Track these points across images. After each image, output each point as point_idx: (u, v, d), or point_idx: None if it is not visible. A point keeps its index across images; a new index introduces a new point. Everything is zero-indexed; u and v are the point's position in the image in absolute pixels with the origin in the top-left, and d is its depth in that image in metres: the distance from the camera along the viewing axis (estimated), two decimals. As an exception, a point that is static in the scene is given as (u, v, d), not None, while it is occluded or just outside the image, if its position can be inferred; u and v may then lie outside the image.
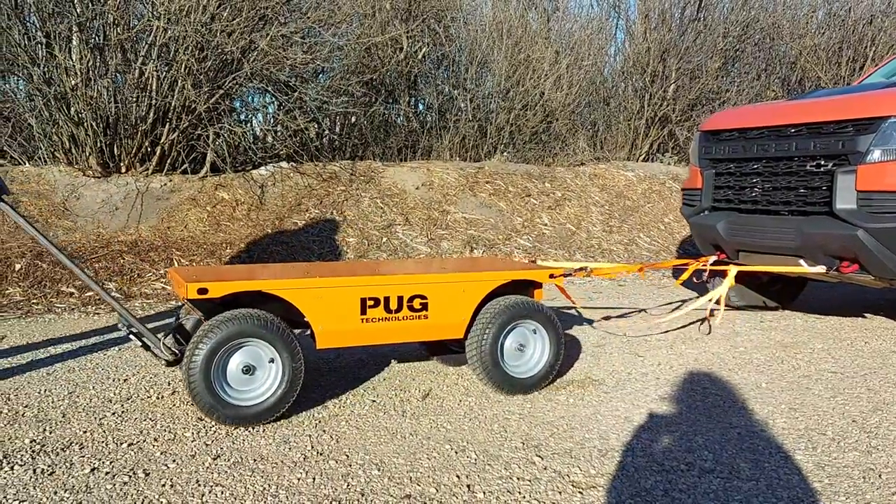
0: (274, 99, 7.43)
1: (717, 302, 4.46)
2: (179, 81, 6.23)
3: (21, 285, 5.31)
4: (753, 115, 4.77)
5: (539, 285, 3.39)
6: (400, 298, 3.00)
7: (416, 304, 3.03)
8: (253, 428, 2.79)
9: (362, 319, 2.96)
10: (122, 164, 6.62)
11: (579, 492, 2.32)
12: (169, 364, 2.94)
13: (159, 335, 2.94)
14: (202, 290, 2.68)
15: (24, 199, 6.18)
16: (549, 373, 3.26)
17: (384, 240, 6.98)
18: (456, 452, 2.61)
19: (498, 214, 7.74)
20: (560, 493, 2.31)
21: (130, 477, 2.34)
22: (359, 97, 7.97)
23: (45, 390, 3.20)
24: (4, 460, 2.42)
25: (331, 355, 3.91)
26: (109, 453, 2.52)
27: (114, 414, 2.92)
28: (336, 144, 8.39)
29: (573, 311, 5.22)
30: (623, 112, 10.11)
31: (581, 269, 4.18)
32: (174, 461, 2.47)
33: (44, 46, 5.95)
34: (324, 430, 2.79)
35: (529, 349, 3.26)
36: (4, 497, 2.16)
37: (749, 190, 4.68)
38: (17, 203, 6.12)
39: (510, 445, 2.68)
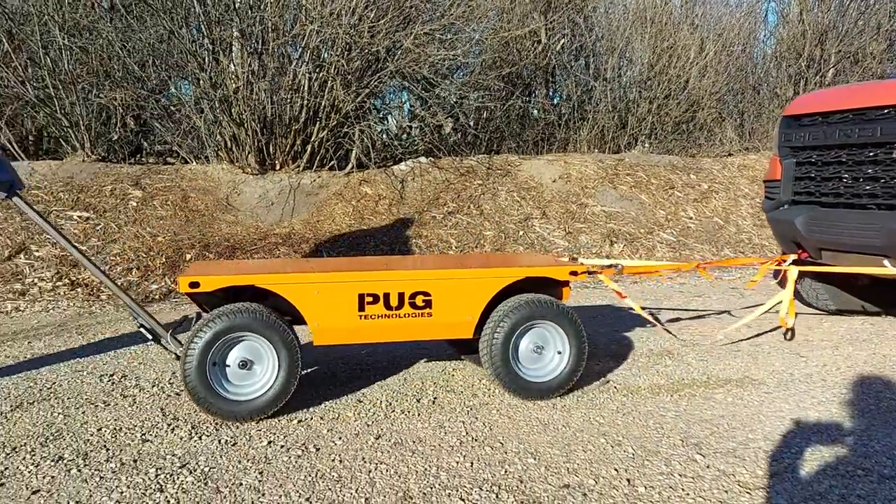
0: (414, 95, 7.63)
1: (790, 304, 4.04)
2: (329, 82, 6.54)
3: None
4: (837, 97, 4.22)
5: (565, 283, 3.10)
6: (401, 295, 2.82)
7: (419, 301, 2.84)
8: (409, 412, 2.89)
9: (360, 316, 2.80)
10: (276, 161, 7.03)
11: (747, 492, 2.23)
12: (178, 357, 2.89)
13: (168, 330, 2.96)
14: (194, 284, 2.65)
15: (192, 194, 6.72)
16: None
17: (521, 233, 6.98)
18: (612, 446, 2.58)
19: (639, 207, 7.54)
20: (726, 491, 2.23)
21: (303, 451, 2.49)
22: (496, 91, 8.02)
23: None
24: (193, 430, 2.65)
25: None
26: (282, 428, 2.70)
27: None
28: (473, 139, 8.49)
29: (653, 316, 4.99)
30: (775, 100, 9.53)
31: (611, 265, 3.66)
32: (340, 439, 2.61)
33: (210, 53, 6.44)
34: (476, 418, 2.85)
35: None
36: (196, 463, 2.37)
37: (831, 181, 4.17)
38: (187, 198, 6.67)
39: (668, 442, 2.62)
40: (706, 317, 4.78)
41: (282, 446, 2.53)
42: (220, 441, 2.57)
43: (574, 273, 3.01)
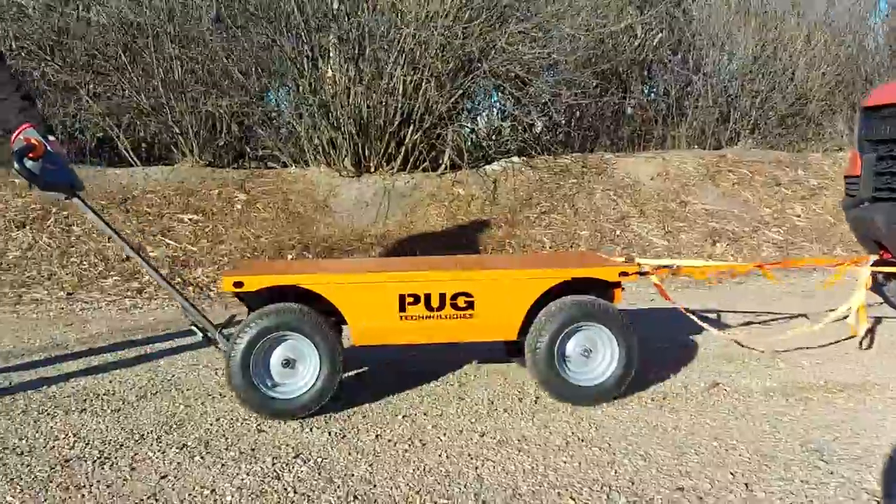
0: (507, 95, 7.62)
1: (859, 310, 3.70)
2: (423, 84, 6.62)
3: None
4: None
5: (616, 285, 2.96)
6: (442, 296, 2.77)
7: (461, 302, 2.78)
8: (511, 410, 2.88)
9: (401, 317, 2.77)
10: (371, 164, 7.18)
11: (875, 500, 2.10)
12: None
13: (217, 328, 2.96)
14: (238, 284, 2.68)
15: (292, 197, 6.95)
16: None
17: (618, 232, 6.84)
18: (726, 450, 2.48)
19: (743, 205, 7.25)
20: (854, 499, 2.10)
21: (410, 446, 2.53)
22: (590, 88, 7.90)
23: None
24: (303, 423, 2.74)
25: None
26: (387, 423, 2.75)
27: (386, 388, 3.18)
28: (566, 137, 8.39)
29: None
30: (889, 89, 8.95)
31: (666, 266, 3.46)
32: (445, 434, 2.63)
33: (309, 60, 6.64)
34: (581, 419, 2.80)
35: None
36: (309, 453, 2.45)
37: None
38: (288, 200, 6.90)
39: (786, 447, 2.50)
40: (777, 321, 4.53)
41: (388, 440, 2.58)
42: (329, 433, 2.64)
43: (624, 274, 2.87)
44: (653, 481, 2.24)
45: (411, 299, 2.76)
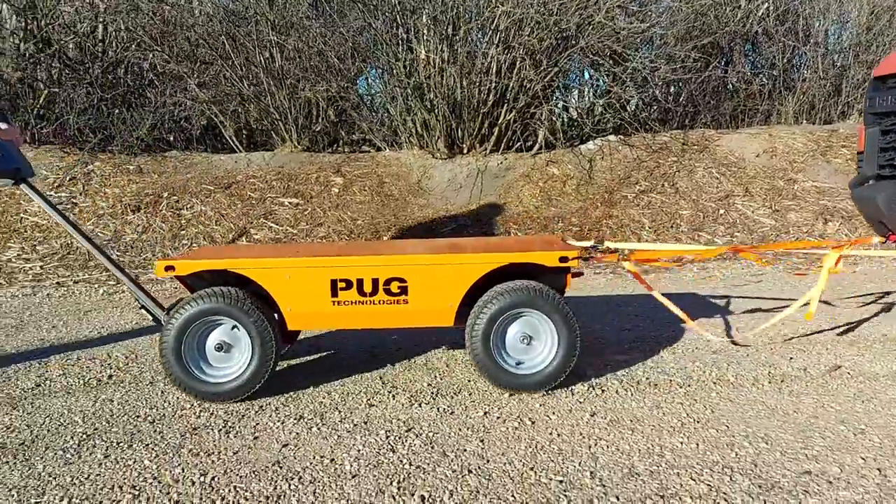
0: (603, 71, 7.44)
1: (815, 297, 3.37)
2: (518, 63, 6.55)
3: (389, 254, 6.07)
4: None
5: (565, 271, 2.84)
6: (375, 281, 2.71)
7: (395, 287, 2.72)
8: (622, 391, 2.83)
9: (333, 302, 2.73)
10: (464, 145, 7.17)
11: None
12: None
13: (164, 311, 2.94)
14: (169, 268, 2.69)
15: (387, 180, 7.05)
16: (558, 371, 2.77)
17: (721, 212, 6.59)
18: (854, 434, 2.36)
19: (856, 182, 6.83)
20: None
21: (520, 423, 2.52)
22: (690, 62, 7.60)
23: (432, 346, 3.61)
24: (412, 398, 2.78)
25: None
26: (495, 400, 2.75)
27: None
28: (665, 114, 8.13)
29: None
30: None
31: (615, 251, 3.23)
32: (554, 413, 2.61)
33: (403, 42, 6.68)
34: (694, 400, 2.72)
35: (538, 343, 2.80)
36: (420, 428, 2.48)
37: None
38: (383, 183, 7.01)
39: (923, 434, 2.34)
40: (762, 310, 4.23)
41: (497, 417, 2.58)
42: (438, 409, 2.67)
43: (564, 259, 2.71)
44: (777, 464, 2.15)
45: (343, 284, 2.71)
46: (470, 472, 2.15)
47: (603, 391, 2.84)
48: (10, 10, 7.18)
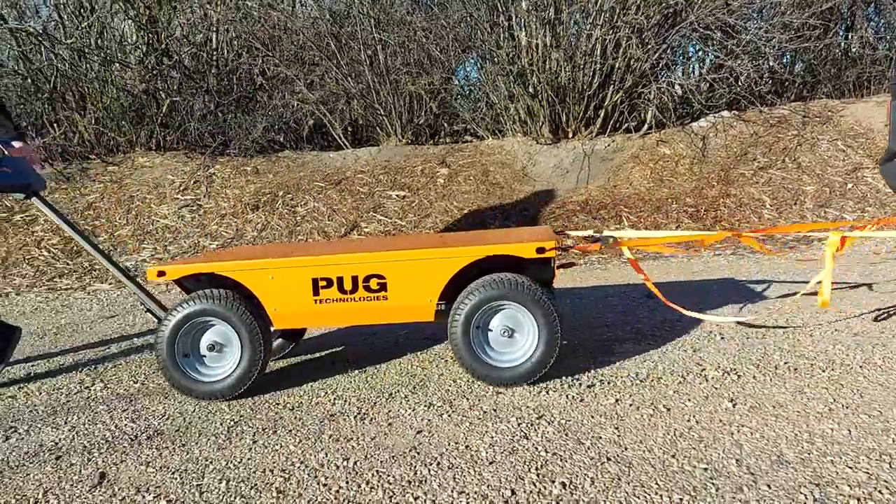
0: (714, 45, 7.12)
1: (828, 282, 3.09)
2: (624, 42, 6.37)
3: (498, 243, 6.07)
4: None
5: (546, 261, 2.76)
6: (354, 279, 2.71)
7: (374, 284, 2.71)
8: (759, 377, 2.71)
9: (315, 300, 2.74)
10: (569, 129, 7.07)
11: None
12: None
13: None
14: (161, 273, 2.75)
15: (491, 168, 7.04)
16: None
17: (849, 186, 6.18)
18: None
19: None
20: None
21: (654, 411, 2.46)
22: (807, 30, 7.16)
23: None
24: (540, 385, 2.77)
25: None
26: (627, 388, 2.70)
27: (619, 354, 3.13)
28: (781, 86, 7.69)
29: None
30: None
31: (597, 240, 3.07)
32: (690, 400, 2.53)
33: (505, 30, 6.64)
34: (840, 384, 2.58)
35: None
36: (551, 415, 2.47)
37: None
38: (487, 172, 7.01)
39: None
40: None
41: (630, 405, 2.53)
42: (567, 396, 2.64)
43: (541, 250, 2.64)
44: (945, 454, 2.00)
45: (324, 283, 2.73)
46: (608, 459, 2.12)
47: (739, 377, 2.73)
48: (134, 26, 7.65)
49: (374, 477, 2.07)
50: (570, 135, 7.09)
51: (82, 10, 7.53)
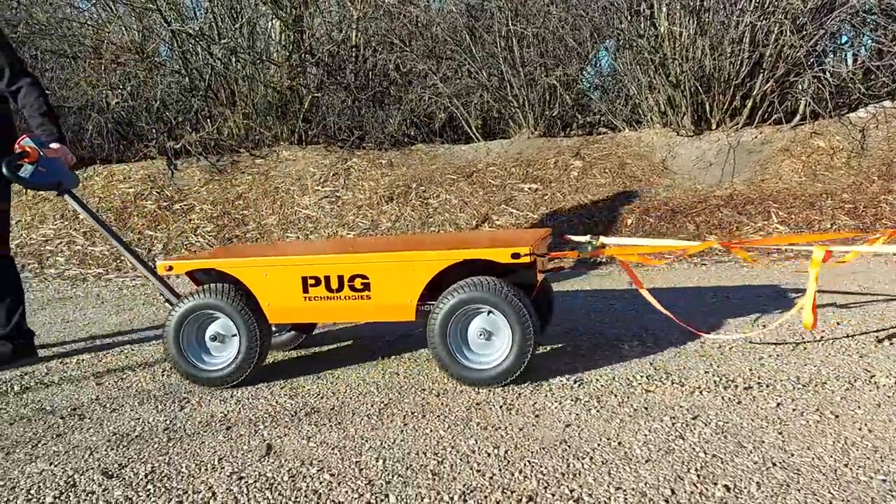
0: (878, 29, 6.57)
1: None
2: (776, 28, 6.01)
3: (633, 236, 5.91)
4: None
5: (530, 266, 2.76)
6: (340, 278, 2.81)
7: (358, 284, 2.80)
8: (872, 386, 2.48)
9: (305, 297, 2.86)
10: (713, 120, 6.75)
11: None
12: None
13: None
14: (169, 268, 2.96)
15: (628, 161, 6.86)
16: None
17: None
18: None
19: None
20: None
21: (820, 417, 2.31)
22: None
23: (700, 331, 3.45)
24: (694, 384, 2.67)
25: None
26: (788, 392, 2.55)
27: (774, 356, 2.96)
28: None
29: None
30: None
31: (572, 248, 3.00)
32: (860, 407, 2.36)
33: (647, 18, 6.44)
34: None
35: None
36: (707, 416, 2.37)
37: None
38: (623, 164, 6.83)
39: None
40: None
41: (793, 410, 2.39)
42: (723, 398, 2.53)
43: (516, 255, 2.64)
44: None
45: (313, 281, 2.84)
46: (774, 464, 2.01)
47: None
48: (280, 26, 8.06)
49: (527, 466, 2.07)
50: (714, 126, 6.78)
51: (234, 13, 8.02)
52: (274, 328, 3.42)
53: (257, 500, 1.94)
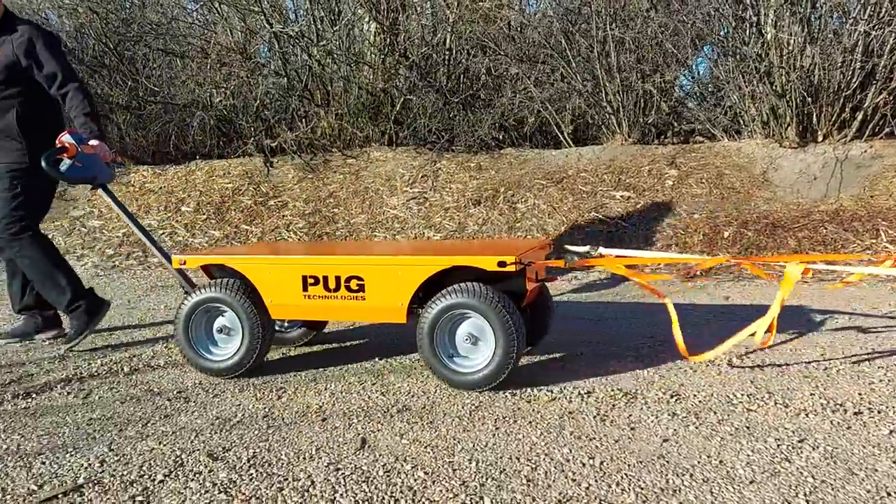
0: None
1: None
2: (891, 39, 5.68)
3: (730, 251, 5.71)
4: None
5: (519, 274, 2.80)
6: (337, 278, 2.92)
7: (354, 284, 2.90)
8: None
9: (304, 296, 2.96)
10: (819, 132, 6.45)
11: None
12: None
13: None
14: (183, 262, 3.11)
15: (726, 171, 6.63)
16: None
17: None
18: None
19: None
20: None
21: (944, 450, 2.16)
22: None
23: (806, 352, 3.30)
24: (796, 407, 2.55)
25: None
26: (904, 420, 2.40)
27: (884, 380, 2.80)
28: None
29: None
30: None
31: (559, 257, 3.07)
32: None
33: (753, 25, 6.21)
34: None
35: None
36: (815, 440, 2.26)
37: None
38: (722, 175, 6.61)
39: None
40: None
41: (912, 440, 2.24)
42: (831, 422, 2.41)
43: (502, 264, 2.68)
44: None
45: (312, 280, 2.94)
46: (889, 494, 1.89)
47: None
48: (376, 29, 8.21)
49: (624, 479, 2.02)
50: (821, 138, 6.47)
51: (333, 15, 8.23)
52: (286, 324, 3.62)
53: (354, 493, 1.98)
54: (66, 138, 3.40)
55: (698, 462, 2.13)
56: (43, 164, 3.31)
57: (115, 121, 8.42)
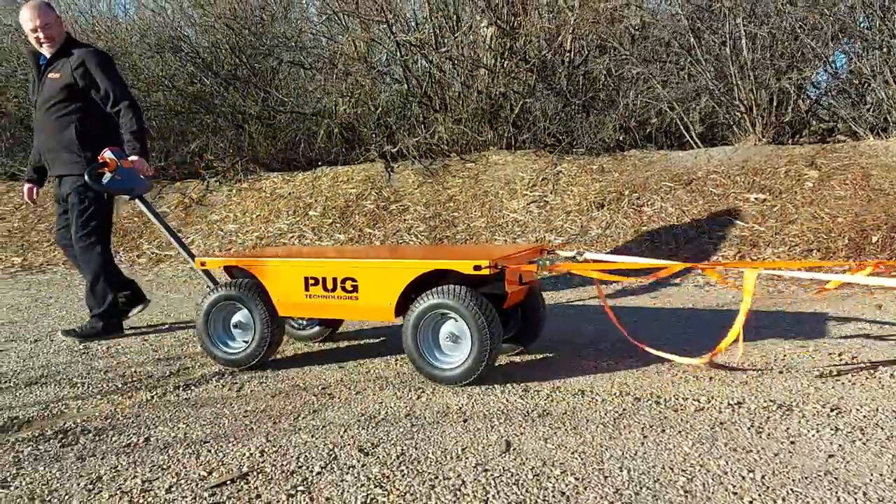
0: None
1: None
2: None
3: (879, 257, 5.31)
4: None
5: (498, 278, 3.01)
6: (334, 279, 3.13)
7: (348, 285, 3.10)
8: None
9: (307, 295, 3.19)
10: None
11: None
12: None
13: None
14: (203, 263, 3.47)
15: (873, 172, 6.18)
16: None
17: None
18: None
19: None
20: None
21: None
22: None
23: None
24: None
25: None
26: None
27: None
28: None
29: None
30: None
31: (533, 261, 3.14)
32: None
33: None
34: None
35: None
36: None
37: None
38: (868, 176, 6.16)
39: None
40: None
41: None
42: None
43: (477, 268, 2.84)
44: None
45: (313, 281, 3.17)
46: None
47: None
48: (496, 33, 8.23)
49: (790, 495, 1.91)
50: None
51: (453, 21, 8.33)
52: (304, 322, 3.87)
53: (506, 494, 1.97)
54: (107, 154, 3.80)
55: (870, 480, 1.98)
56: (86, 176, 3.74)
57: (248, 130, 8.89)
